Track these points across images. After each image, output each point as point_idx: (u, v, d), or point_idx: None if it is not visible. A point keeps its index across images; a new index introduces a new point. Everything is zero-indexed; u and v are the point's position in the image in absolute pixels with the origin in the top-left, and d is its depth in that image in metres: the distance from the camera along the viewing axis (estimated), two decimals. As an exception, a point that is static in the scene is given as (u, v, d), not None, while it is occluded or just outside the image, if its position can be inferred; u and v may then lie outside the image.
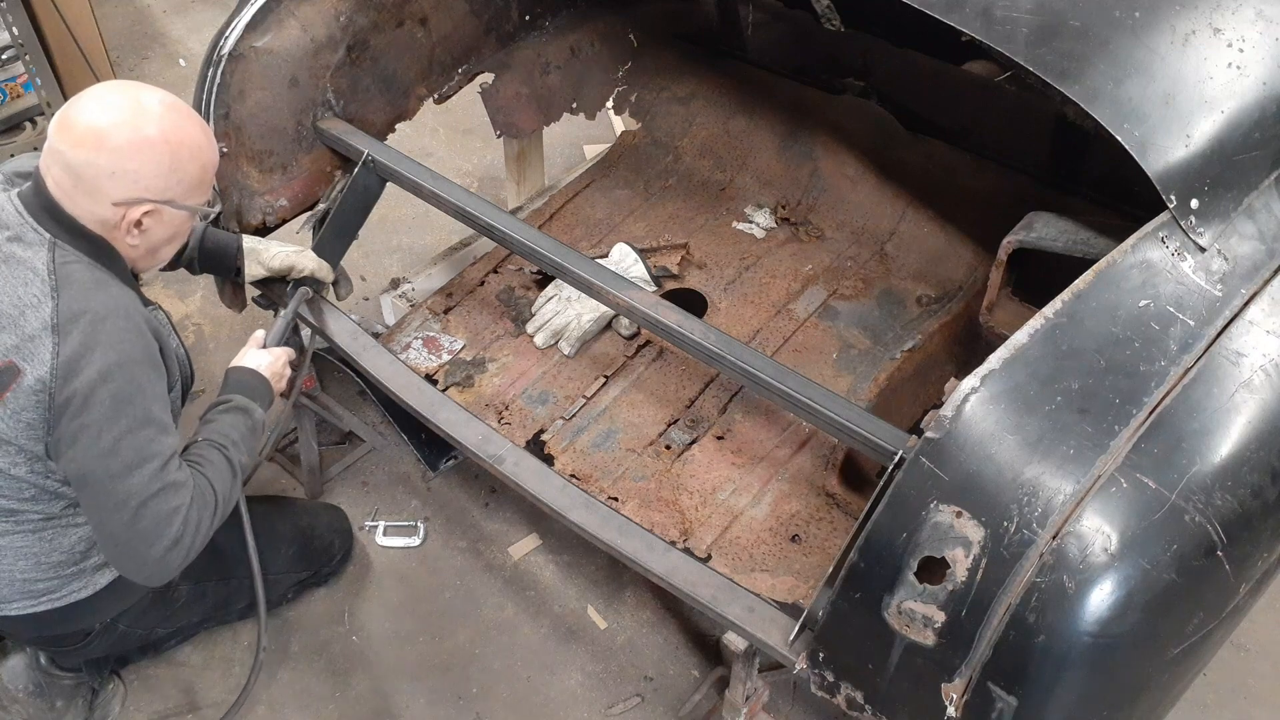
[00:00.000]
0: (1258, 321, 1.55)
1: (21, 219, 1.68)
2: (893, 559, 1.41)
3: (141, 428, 1.64)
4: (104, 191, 1.65)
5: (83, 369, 1.61)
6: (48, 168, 1.67)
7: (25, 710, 2.12)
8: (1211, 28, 1.74)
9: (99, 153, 1.62)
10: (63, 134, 1.64)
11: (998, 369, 1.43)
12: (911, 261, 2.59)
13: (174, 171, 1.68)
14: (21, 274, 1.66)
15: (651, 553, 1.81)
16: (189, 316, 3.16)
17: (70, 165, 1.64)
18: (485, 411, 2.18)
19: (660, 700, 2.31)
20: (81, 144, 1.63)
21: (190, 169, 1.71)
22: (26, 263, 1.66)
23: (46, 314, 1.63)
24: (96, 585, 1.88)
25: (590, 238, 2.66)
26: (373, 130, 2.44)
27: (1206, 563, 1.37)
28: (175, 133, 1.67)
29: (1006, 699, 1.36)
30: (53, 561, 1.83)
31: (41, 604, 1.86)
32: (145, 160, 1.65)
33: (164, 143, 1.66)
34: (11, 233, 1.68)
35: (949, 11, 1.74)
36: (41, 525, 1.79)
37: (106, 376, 1.62)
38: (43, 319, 1.63)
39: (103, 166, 1.63)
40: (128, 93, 1.68)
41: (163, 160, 1.66)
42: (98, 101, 1.66)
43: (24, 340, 1.63)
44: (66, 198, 1.67)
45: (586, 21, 2.90)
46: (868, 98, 2.79)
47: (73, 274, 1.66)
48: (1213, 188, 1.64)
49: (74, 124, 1.64)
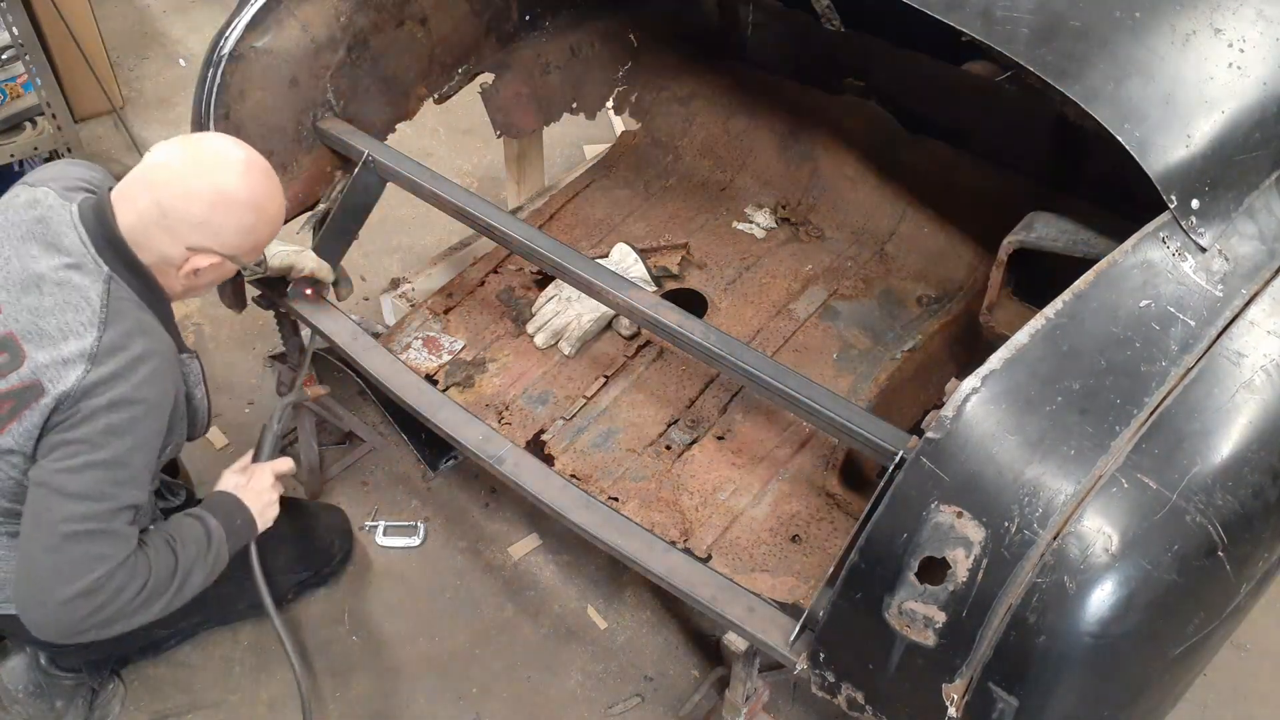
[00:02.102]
0: (1258, 322, 1.55)
1: (84, 249, 1.69)
2: (893, 559, 1.41)
3: (116, 466, 1.65)
4: (183, 236, 1.71)
5: (97, 394, 1.63)
6: (134, 196, 1.71)
7: (25, 710, 2.12)
8: (1212, 28, 1.74)
9: (195, 202, 1.69)
10: (168, 171, 1.71)
11: (998, 369, 1.43)
12: (912, 261, 2.59)
13: (251, 235, 1.77)
14: (74, 299, 1.67)
15: (652, 553, 1.81)
16: (189, 316, 3.16)
17: (162, 203, 1.69)
18: (485, 411, 2.18)
19: (660, 700, 2.31)
20: (185, 187, 1.69)
21: (264, 236, 1.81)
22: (81, 290, 1.67)
23: (88, 343, 1.64)
24: None
25: (590, 238, 2.66)
26: (373, 130, 2.44)
27: (1207, 563, 1.37)
28: (266, 201, 1.76)
29: (1007, 699, 1.36)
30: None
31: None
32: (232, 219, 1.73)
33: (254, 208, 1.74)
34: (72, 260, 1.69)
35: (949, 11, 1.74)
36: None
37: (113, 406, 1.63)
38: (82, 347, 1.64)
39: (194, 215, 1.70)
40: (241, 149, 1.76)
41: (246, 223, 1.74)
42: (206, 151, 1.74)
43: (57, 362, 1.64)
44: (143, 230, 1.70)
45: (586, 21, 2.90)
46: (868, 98, 2.78)
47: (124, 311, 1.69)
48: (1213, 188, 1.64)
49: (190, 164, 1.71)
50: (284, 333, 2.50)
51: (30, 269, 1.69)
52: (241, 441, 2.80)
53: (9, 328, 1.68)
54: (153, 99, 4.08)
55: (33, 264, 1.69)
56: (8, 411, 1.66)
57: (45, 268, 1.69)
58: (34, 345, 1.66)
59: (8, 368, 1.67)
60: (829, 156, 2.75)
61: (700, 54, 3.02)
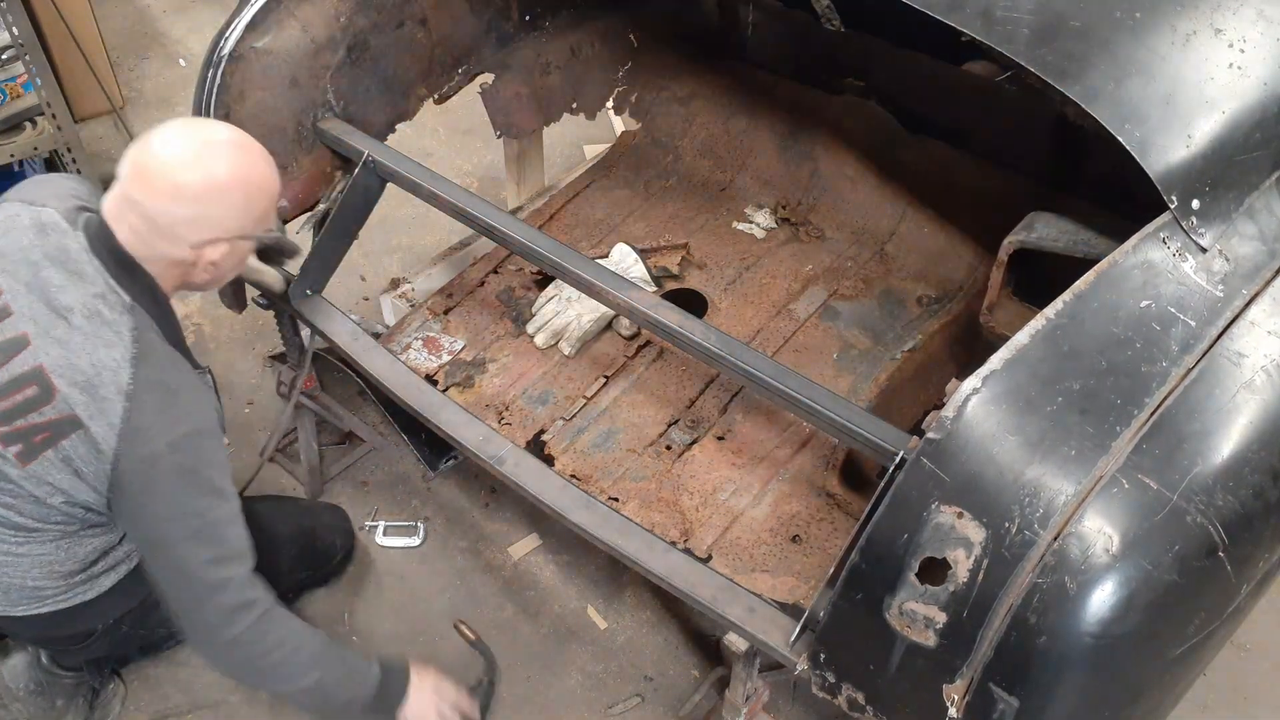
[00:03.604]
0: (1259, 322, 1.55)
1: (104, 278, 1.66)
2: (894, 560, 1.41)
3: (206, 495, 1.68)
4: (182, 237, 1.67)
5: (153, 437, 1.62)
6: (121, 214, 1.67)
7: (26, 708, 2.12)
8: (1212, 28, 1.74)
9: (176, 202, 1.64)
10: (136, 182, 1.65)
11: (999, 370, 1.43)
12: (912, 261, 2.59)
13: (247, 209, 1.71)
14: (106, 335, 1.64)
15: (652, 553, 1.81)
16: (189, 316, 3.16)
17: (147, 214, 1.65)
18: (485, 412, 2.18)
19: (660, 700, 2.31)
20: (157, 194, 1.64)
21: (261, 203, 1.74)
22: (113, 325, 1.64)
23: (124, 380, 1.62)
24: (101, 587, 1.88)
25: (590, 238, 2.66)
26: (373, 130, 2.44)
27: (1208, 563, 1.37)
28: (245, 171, 1.70)
29: (1008, 700, 1.36)
30: (65, 570, 1.83)
31: (46, 605, 1.85)
32: (220, 203, 1.67)
33: (237, 183, 1.68)
34: (97, 290, 1.65)
35: (949, 12, 1.74)
36: (59, 537, 1.79)
37: (175, 448, 1.63)
38: (119, 384, 1.62)
39: (181, 215, 1.65)
40: (197, 134, 1.69)
41: (236, 200, 1.69)
42: (167, 146, 1.66)
43: (95, 400, 1.62)
44: (143, 244, 1.67)
45: (586, 21, 2.90)
46: (868, 98, 2.78)
47: (153, 344, 1.67)
48: (1214, 188, 1.63)
49: (147, 171, 1.64)
50: (284, 333, 2.49)
51: (57, 300, 1.64)
52: (241, 441, 2.80)
53: (39, 360, 1.63)
54: (153, 99, 4.08)
55: (59, 294, 1.64)
56: (41, 442, 1.65)
57: (73, 299, 1.64)
58: (65, 380, 1.63)
59: (41, 401, 1.64)
60: (829, 156, 2.75)
61: (700, 54, 3.01)
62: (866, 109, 2.76)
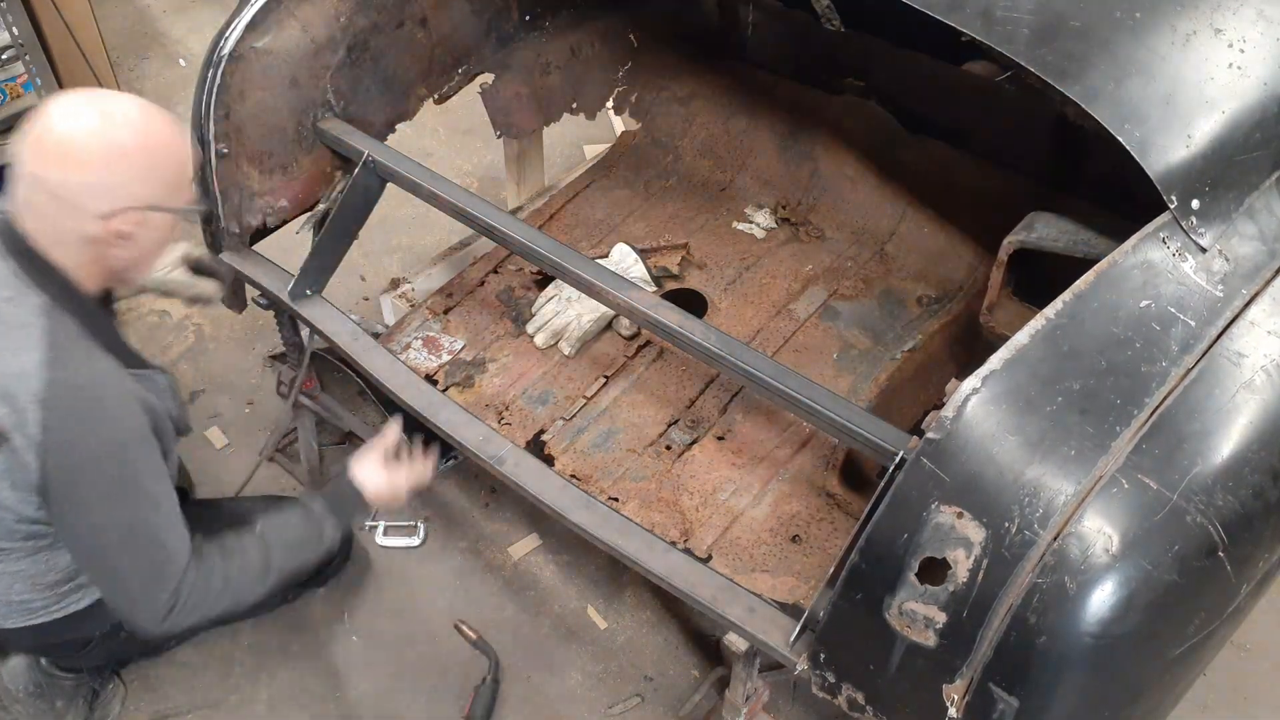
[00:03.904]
0: (1259, 322, 1.55)
1: (16, 278, 1.60)
2: (894, 560, 1.41)
3: (135, 504, 1.64)
4: (85, 208, 1.56)
5: (74, 447, 1.57)
6: (27, 200, 1.58)
7: (26, 710, 2.12)
8: (1212, 28, 1.74)
9: (74, 169, 1.54)
10: (36, 158, 1.55)
11: (999, 370, 1.43)
12: (912, 261, 2.59)
13: (152, 174, 1.60)
14: (17, 340, 1.58)
15: (652, 553, 1.81)
16: (189, 316, 3.16)
17: (47, 186, 1.55)
18: (485, 412, 2.18)
19: (660, 700, 2.31)
20: (54, 162, 1.54)
21: (168, 169, 1.63)
22: (25, 329, 1.58)
23: (37, 386, 1.56)
24: (93, 595, 1.88)
25: (590, 238, 2.66)
26: (373, 130, 2.44)
27: (1208, 563, 1.37)
28: (148, 135, 1.60)
29: (1008, 700, 1.36)
30: (48, 582, 1.82)
31: (38, 617, 1.86)
32: (122, 168, 1.57)
33: (138, 147, 1.58)
34: (7, 294, 1.59)
35: (949, 12, 1.74)
36: (34, 550, 1.78)
37: (98, 457, 1.59)
38: (33, 391, 1.56)
39: (80, 182, 1.55)
40: (92, 102, 1.59)
41: (139, 164, 1.58)
42: (64, 115, 1.56)
43: (14, 410, 1.57)
44: (51, 227, 1.59)
45: (586, 21, 2.90)
46: (868, 98, 2.78)
47: (69, 348, 1.60)
48: (1214, 188, 1.63)
49: (43, 143, 1.55)
50: (284, 333, 2.50)
51: None
52: (241, 442, 2.81)
53: None
54: (153, 99, 4.01)
55: None
56: None
57: None
58: None
59: None
60: (829, 156, 2.75)
61: (700, 54, 3.01)
62: (866, 109, 2.76)
